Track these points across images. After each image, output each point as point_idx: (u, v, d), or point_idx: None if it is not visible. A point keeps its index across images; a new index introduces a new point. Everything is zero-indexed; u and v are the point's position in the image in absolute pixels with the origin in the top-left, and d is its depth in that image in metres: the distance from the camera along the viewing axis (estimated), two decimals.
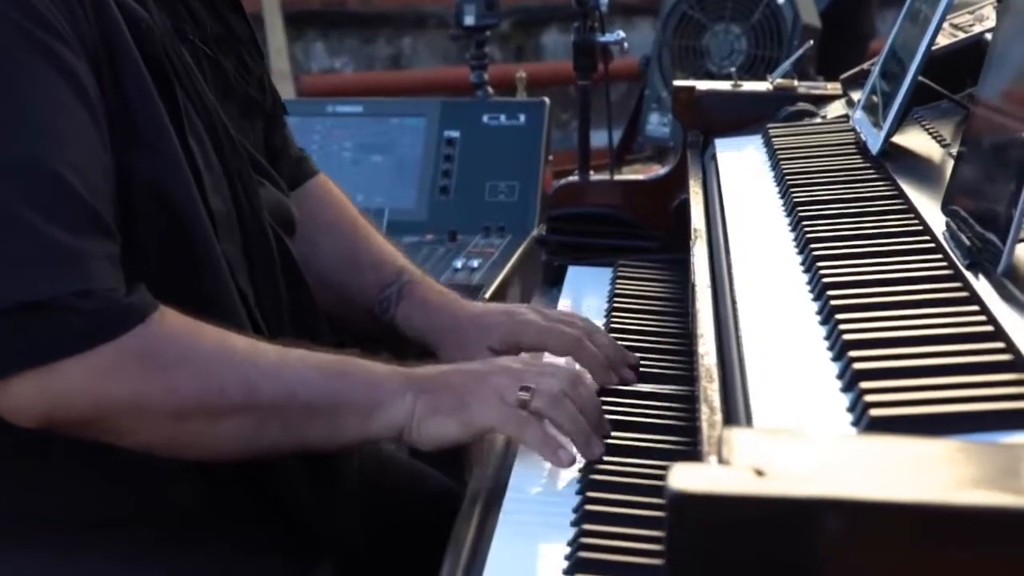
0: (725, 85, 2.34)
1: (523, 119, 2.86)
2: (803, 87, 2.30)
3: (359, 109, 2.96)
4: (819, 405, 1.06)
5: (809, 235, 1.48)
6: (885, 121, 1.73)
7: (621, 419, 1.49)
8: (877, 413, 0.99)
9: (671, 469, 0.74)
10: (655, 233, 2.24)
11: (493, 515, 1.35)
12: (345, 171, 2.85)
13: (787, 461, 0.77)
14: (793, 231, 1.55)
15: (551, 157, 2.92)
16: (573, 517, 1.31)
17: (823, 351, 1.17)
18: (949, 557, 0.72)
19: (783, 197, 1.70)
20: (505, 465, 1.47)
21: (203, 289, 1.39)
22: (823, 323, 1.23)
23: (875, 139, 1.75)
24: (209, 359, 1.34)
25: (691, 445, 1.40)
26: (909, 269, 1.30)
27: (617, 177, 2.41)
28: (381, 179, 2.86)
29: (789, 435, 0.88)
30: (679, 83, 2.36)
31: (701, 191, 1.94)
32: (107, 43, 1.34)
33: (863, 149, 1.80)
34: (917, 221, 1.45)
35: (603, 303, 1.94)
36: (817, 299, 1.30)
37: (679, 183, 2.15)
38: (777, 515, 0.73)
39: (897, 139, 1.76)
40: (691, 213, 1.84)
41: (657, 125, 3.87)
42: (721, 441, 0.80)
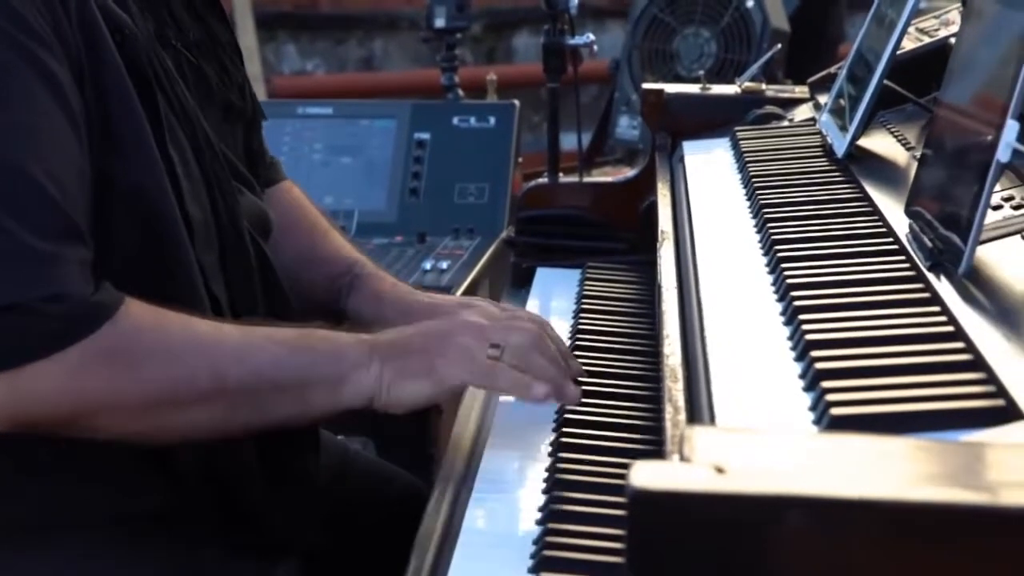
0: (693, 88, 2.35)
1: (493, 121, 2.87)
2: (771, 90, 2.31)
3: (329, 111, 2.96)
4: (782, 405, 1.07)
5: (774, 237, 1.49)
6: (851, 124, 1.75)
7: (588, 418, 1.49)
8: (838, 412, 1.00)
9: (632, 467, 0.75)
10: (623, 235, 2.25)
11: (459, 514, 1.36)
12: (315, 173, 2.85)
13: (747, 459, 0.78)
14: (759, 233, 1.56)
15: (521, 159, 2.93)
16: (539, 516, 1.31)
17: (786, 351, 1.18)
18: (907, 553, 0.73)
19: (749, 199, 1.71)
20: (472, 465, 1.48)
21: (174, 297, 1.40)
22: (787, 324, 1.24)
23: (841, 142, 1.76)
24: (176, 349, 1.35)
25: (657, 445, 1.40)
26: (872, 270, 1.31)
27: (586, 179, 2.42)
28: (351, 181, 2.86)
29: (750, 433, 0.89)
30: (648, 86, 2.38)
31: (669, 193, 1.95)
32: (90, 49, 1.34)
33: (829, 152, 1.81)
34: (881, 223, 1.46)
35: (571, 304, 1.94)
36: (781, 300, 1.31)
37: (648, 185, 2.16)
38: (737, 512, 0.73)
39: (863, 142, 1.77)
40: (659, 215, 1.85)
41: (627, 128, 3.88)
42: (683, 439, 0.80)
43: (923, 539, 0.73)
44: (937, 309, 1.17)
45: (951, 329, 1.12)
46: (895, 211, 1.45)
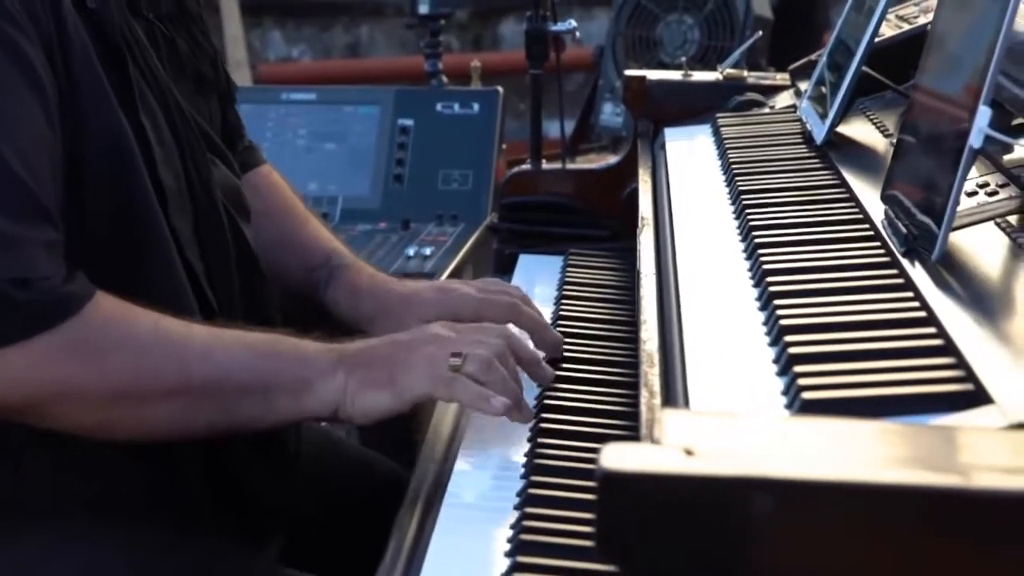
0: (675, 75, 2.35)
1: (477, 108, 2.87)
2: (752, 77, 2.32)
3: (313, 97, 2.96)
4: (755, 389, 1.08)
5: (752, 223, 1.50)
6: (830, 111, 1.75)
7: (566, 404, 1.50)
8: (809, 396, 1.01)
9: (603, 450, 0.76)
10: (606, 222, 2.26)
11: (438, 499, 1.37)
12: (299, 159, 2.85)
13: (717, 441, 0.79)
14: (737, 219, 1.57)
15: (505, 146, 2.93)
16: (516, 501, 1.32)
17: (761, 336, 1.19)
18: (875, 535, 0.73)
19: (729, 185, 1.72)
20: (451, 451, 1.49)
21: (149, 267, 1.40)
22: (762, 309, 1.25)
23: (820, 129, 1.77)
24: (142, 344, 1.34)
25: (634, 430, 1.41)
26: (847, 256, 1.32)
27: (569, 166, 2.43)
28: (335, 167, 2.87)
29: (720, 416, 0.89)
30: (630, 72, 2.38)
31: (650, 180, 1.95)
32: (58, 21, 1.34)
33: (808, 139, 1.82)
34: (857, 209, 1.47)
35: (553, 291, 1.95)
36: (757, 285, 1.32)
37: (630, 172, 2.16)
38: (705, 494, 0.74)
39: (842, 129, 1.78)
40: (639, 202, 1.86)
41: (610, 115, 3.88)
42: (654, 422, 0.81)
43: (891, 521, 0.73)
44: (910, 295, 1.18)
45: (923, 315, 1.13)
46: (872, 197, 1.46)
